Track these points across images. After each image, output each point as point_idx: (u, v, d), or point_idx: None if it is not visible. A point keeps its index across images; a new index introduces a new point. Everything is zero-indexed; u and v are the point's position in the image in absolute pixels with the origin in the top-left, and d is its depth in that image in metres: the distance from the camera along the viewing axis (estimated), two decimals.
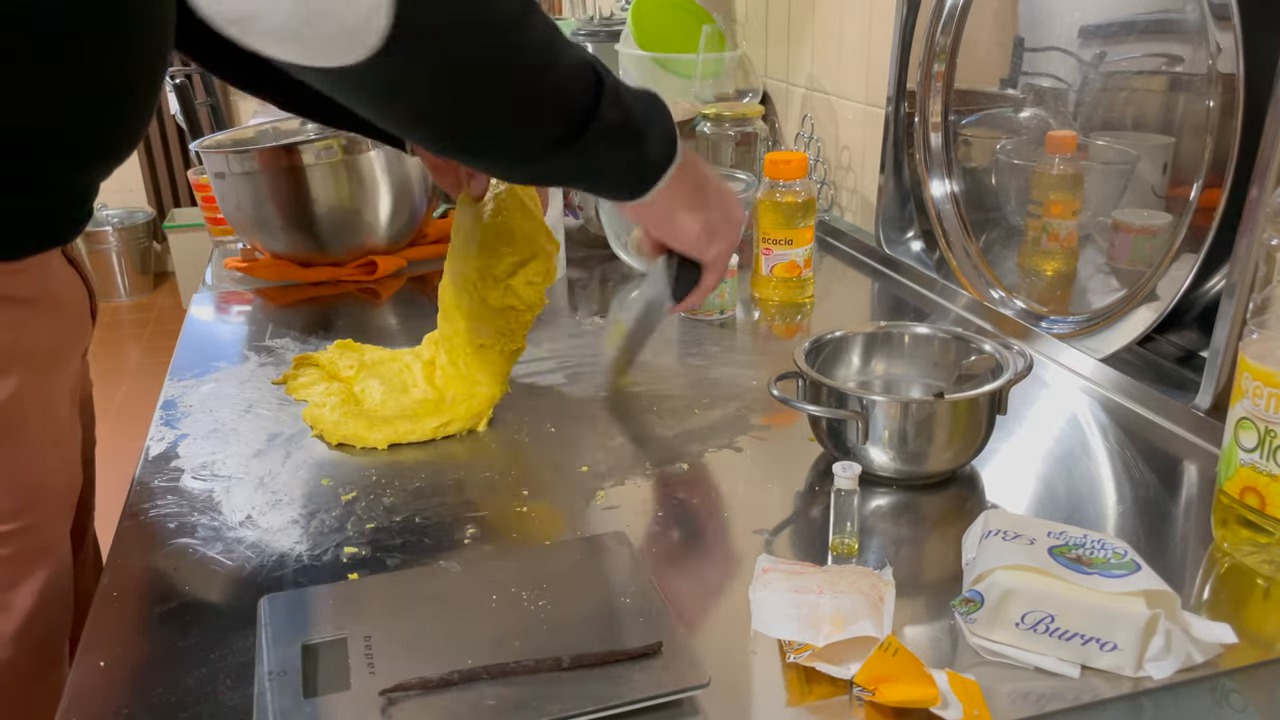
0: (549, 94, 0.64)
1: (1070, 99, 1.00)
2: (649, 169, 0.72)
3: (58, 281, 0.75)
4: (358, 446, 0.82)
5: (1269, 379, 0.60)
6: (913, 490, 0.75)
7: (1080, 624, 0.55)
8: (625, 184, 0.73)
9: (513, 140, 0.66)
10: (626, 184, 0.73)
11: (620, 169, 0.72)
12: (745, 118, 1.48)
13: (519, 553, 0.67)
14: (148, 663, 0.58)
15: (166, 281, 4.36)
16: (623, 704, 0.51)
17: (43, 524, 0.73)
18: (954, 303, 1.12)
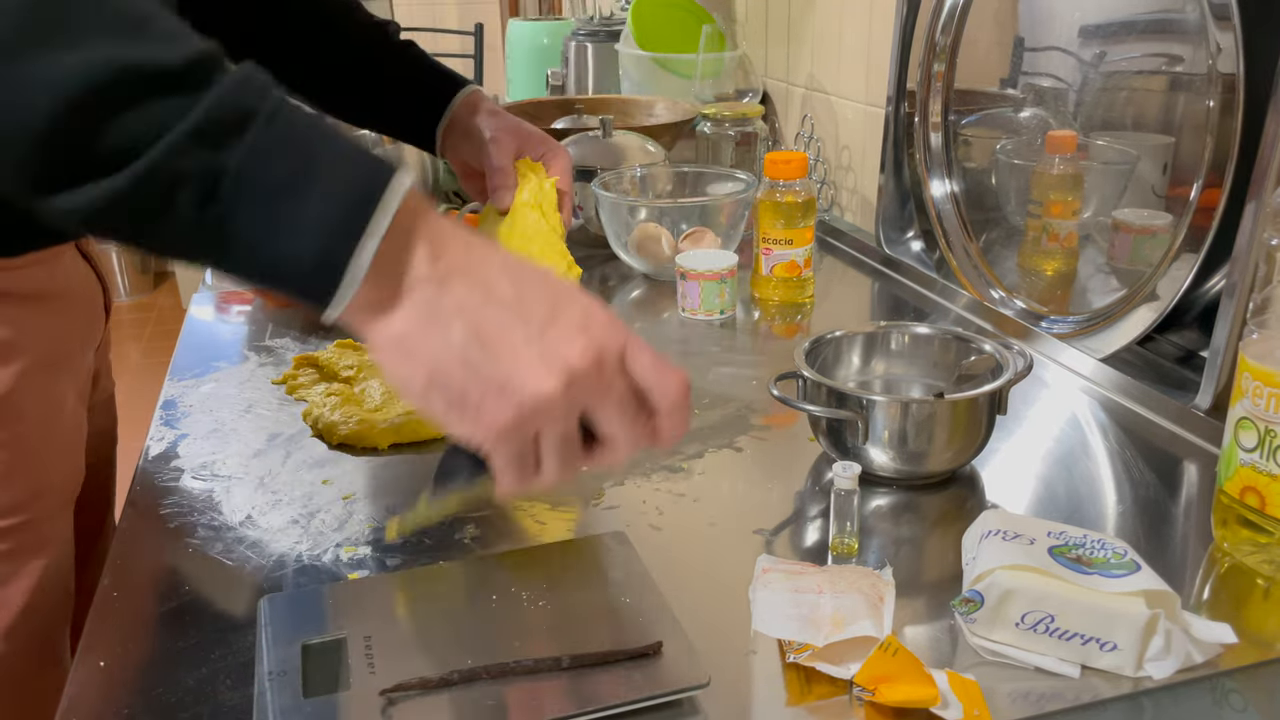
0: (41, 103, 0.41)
1: (1070, 99, 1.00)
2: (285, 275, 0.46)
3: (67, 276, 0.75)
4: (357, 446, 0.82)
5: (1269, 379, 0.60)
6: (913, 490, 0.75)
7: (1080, 624, 0.55)
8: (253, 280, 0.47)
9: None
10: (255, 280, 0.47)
11: (201, 256, 0.47)
12: (745, 118, 1.48)
13: (519, 553, 0.67)
14: (148, 663, 0.58)
15: (166, 281, 4.36)
16: (623, 704, 0.51)
17: (39, 520, 0.73)
18: (954, 303, 1.12)
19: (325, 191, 0.44)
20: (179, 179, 0.43)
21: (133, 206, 0.43)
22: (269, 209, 0.44)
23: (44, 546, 0.73)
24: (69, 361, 0.75)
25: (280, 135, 0.44)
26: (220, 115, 0.43)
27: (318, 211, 0.44)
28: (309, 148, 0.45)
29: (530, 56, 2.16)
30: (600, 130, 1.32)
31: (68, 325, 0.75)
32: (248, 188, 0.44)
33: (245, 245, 0.45)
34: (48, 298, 0.72)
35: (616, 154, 1.31)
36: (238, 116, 0.43)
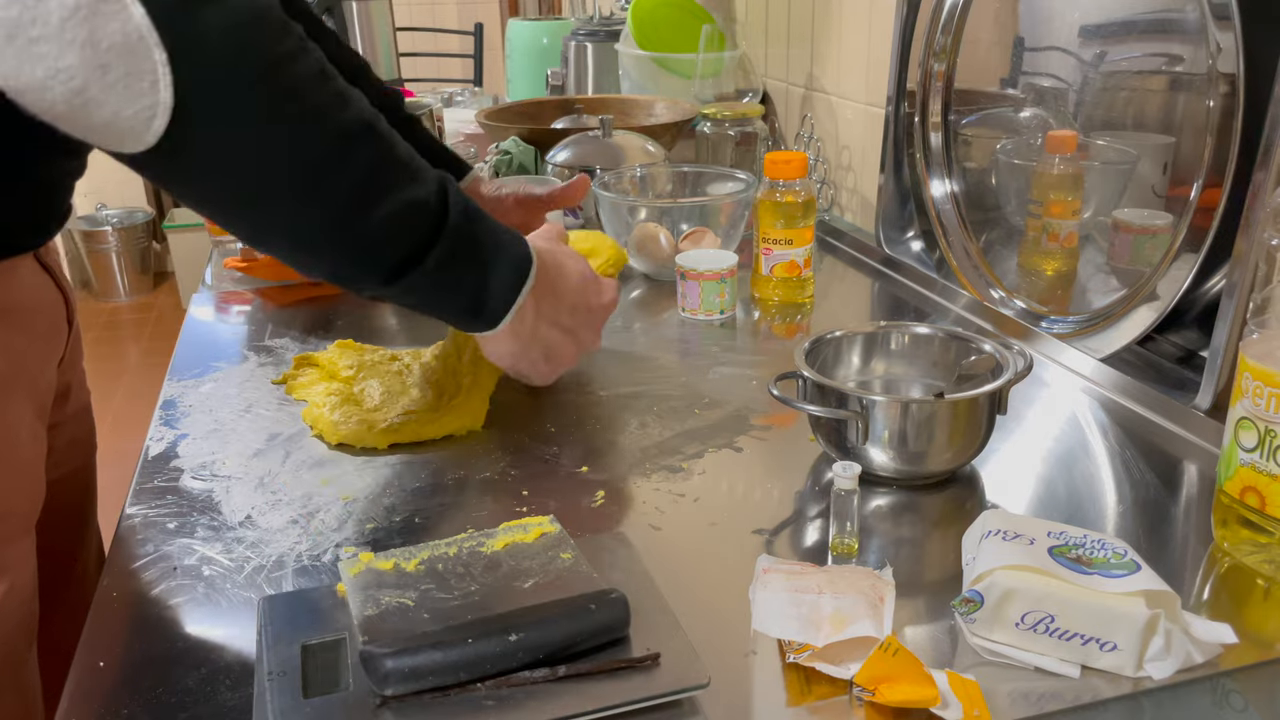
0: (355, 235, 0.63)
1: (1070, 99, 1.00)
2: (488, 307, 0.72)
3: (23, 289, 0.73)
4: (357, 446, 0.82)
5: (1269, 379, 0.60)
6: (913, 490, 0.75)
7: (1080, 624, 0.55)
8: (452, 322, 0.74)
9: (313, 268, 0.66)
10: (454, 323, 0.74)
11: (444, 314, 0.72)
12: (745, 118, 1.48)
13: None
14: (148, 663, 0.58)
15: (166, 281, 4.36)
16: (623, 704, 0.51)
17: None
18: (954, 303, 1.12)
19: (501, 268, 0.71)
20: (441, 276, 0.67)
21: (412, 285, 0.67)
22: (483, 270, 0.70)
23: (2, 573, 0.70)
24: (25, 378, 0.73)
25: (475, 228, 0.69)
26: (457, 224, 0.67)
27: (499, 281, 0.71)
28: (493, 236, 0.71)
29: (530, 56, 2.16)
30: (600, 130, 1.33)
31: (24, 340, 0.73)
32: (474, 256, 0.69)
33: (462, 299, 0.71)
34: (1, 312, 0.70)
35: (616, 154, 1.31)
36: (462, 215, 0.67)
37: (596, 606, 0.55)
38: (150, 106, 0.53)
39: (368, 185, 0.62)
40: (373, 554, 0.62)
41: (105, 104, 0.52)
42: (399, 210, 0.63)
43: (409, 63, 3.21)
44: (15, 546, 0.70)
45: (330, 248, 0.64)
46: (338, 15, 2.43)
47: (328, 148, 0.60)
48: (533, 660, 0.53)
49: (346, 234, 0.63)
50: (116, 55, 0.51)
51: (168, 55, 0.52)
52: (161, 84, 0.53)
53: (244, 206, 0.61)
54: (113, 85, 0.52)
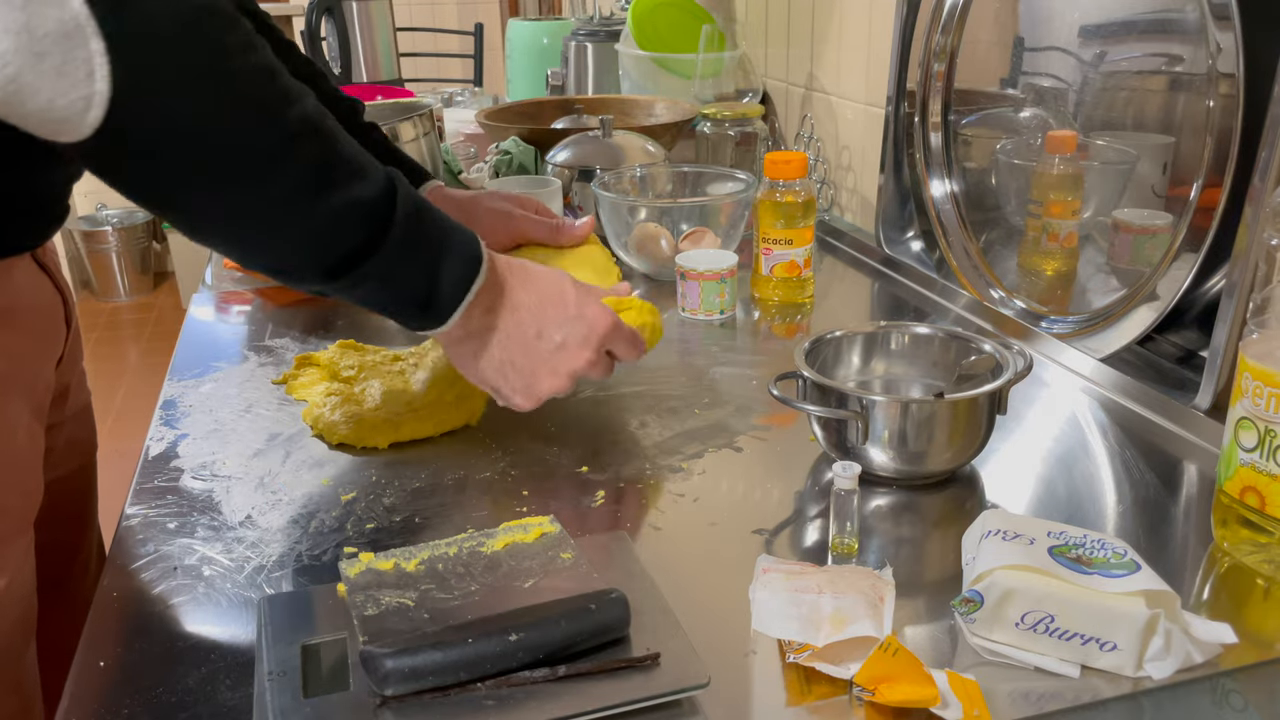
0: (300, 230, 0.63)
1: (1070, 99, 1.00)
2: (434, 304, 0.70)
3: (20, 290, 0.73)
4: (357, 446, 0.82)
5: (1269, 379, 0.60)
6: (913, 490, 0.75)
7: (1080, 624, 0.55)
8: (399, 321, 0.72)
9: (251, 260, 0.66)
10: (400, 321, 0.72)
11: (390, 310, 0.71)
12: (745, 118, 1.48)
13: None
14: (148, 663, 0.58)
15: (166, 281, 4.36)
16: (623, 704, 0.51)
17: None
18: (954, 303, 1.12)
19: (449, 267, 0.69)
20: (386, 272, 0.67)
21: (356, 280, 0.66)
22: (431, 265, 0.69)
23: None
24: (21, 378, 0.73)
25: (422, 228, 0.68)
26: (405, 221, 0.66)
27: (447, 278, 0.69)
28: (440, 235, 0.70)
29: (530, 56, 2.16)
30: (600, 130, 1.32)
31: (21, 341, 0.73)
32: (421, 252, 0.68)
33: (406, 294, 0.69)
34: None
35: (616, 154, 1.31)
36: (412, 212, 0.67)
37: (596, 606, 0.55)
38: (85, 97, 0.52)
39: (311, 181, 0.61)
40: (373, 554, 0.62)
41: (39, 91, 0.52)
42: (343, 206, 0.63)
43: (409, 63, 3.21)
44: (12, 545, 0.70)
45: (271, 244, 0.64)
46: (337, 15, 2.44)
47: (271, 143, 0.59)
48: (533, 660, 0.53)
49: (289, 229, 0.62)
50: (52, 43, 0.51)
51: (105, 45, 0.52)
52: (97, 74, 0.52)
53: (182, 200, 0.60)
54: (46, 73, 0.51)
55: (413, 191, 0.68)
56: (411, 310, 0.70)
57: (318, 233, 0.63)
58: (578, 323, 0.74)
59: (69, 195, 0.76)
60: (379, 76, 2.51)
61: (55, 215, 0.75)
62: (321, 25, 2.42)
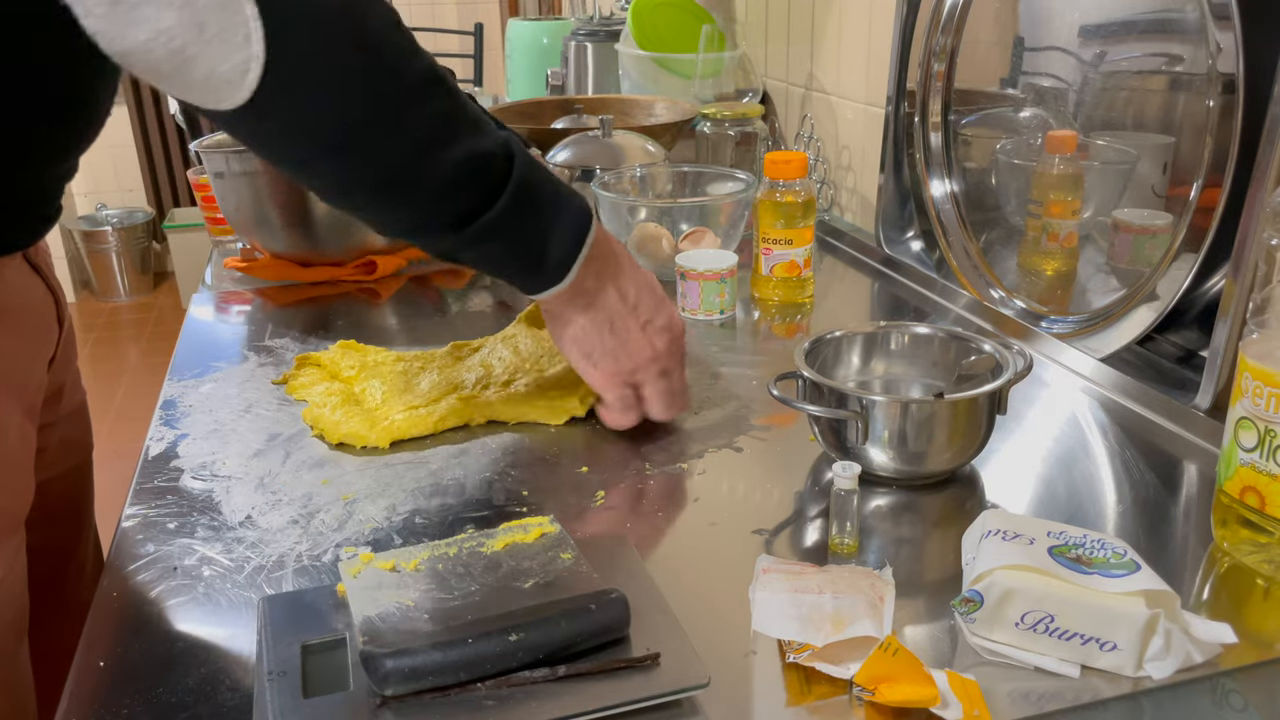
0: (428, 180, 0.65)
1: (1070, 99, 1.00)
2: (534, 280, 0.73)
3: (11, 290, 0.73)
4: (358, 446, 0.82)
5: (1269, 379, 0.60)
6: (913, 490, 0.75)
7: (1080, 624, 0.55)
8: (515, 280, 0.75)
9: (387, 211, 0.69)
10: (515, 280, 0.75)
11: (506, 268, 0.73)
12: (745, 118, 1.48)
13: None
14: (148, 663, 0.58)
15: (166, 281, 4.37)
16: (622, 704, 0.51)
17: None
18: (954, 303, 1.12)
19: (563, 224, 0.71)
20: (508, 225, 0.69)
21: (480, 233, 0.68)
22: (547, 223, 0.71)
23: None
24: (12, 378, 0.73)
25: (539, 183, 0.70)
26: (522, 176, 0.68)
27: (561, 235, 0.71)
28: (555, 192, 0.72)
29: (530, 56, 2.16)
30: (600, 130, 1.32)
31: (11, 340, 0.73)
32: (538, 208, 0.70)
33: (526, 249, 0.71)
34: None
35: (616, 154, 1.31)
36: (527, 167, 0.69)
37: (596, 606, 0.55)
38: (245, 60, 0.55)
39: (442, 132, 0.64)
40: (373, 554, 0.62)
41: (203, 60, 0.55)
42: (470, 157, 0.66)
43: None
44: (3, 545, 0.70)
45: (407, 194, 0.66)
46: None
47: (407, 93, 0.62)
48: (533, 660, 0.53)
49: (422, 179, 0.65)
50: (211, 12, 0.54)
51: (258, 9, 0.55)
52: (254, 37, 0.55)
53: (332, 155, 0.63)
54: (209, 41, 0.54)
55: (526, 150, 0.70)
56: (529, 268, 0.72)
57: (448, 182, 0.66)
58: (665, 306, 0.80)
59: (61, 195, 0.76)
60: None
61: (47, 215, 0.75)
62: None
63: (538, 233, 0.71)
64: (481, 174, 0.67)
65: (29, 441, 0.75)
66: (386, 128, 0.63)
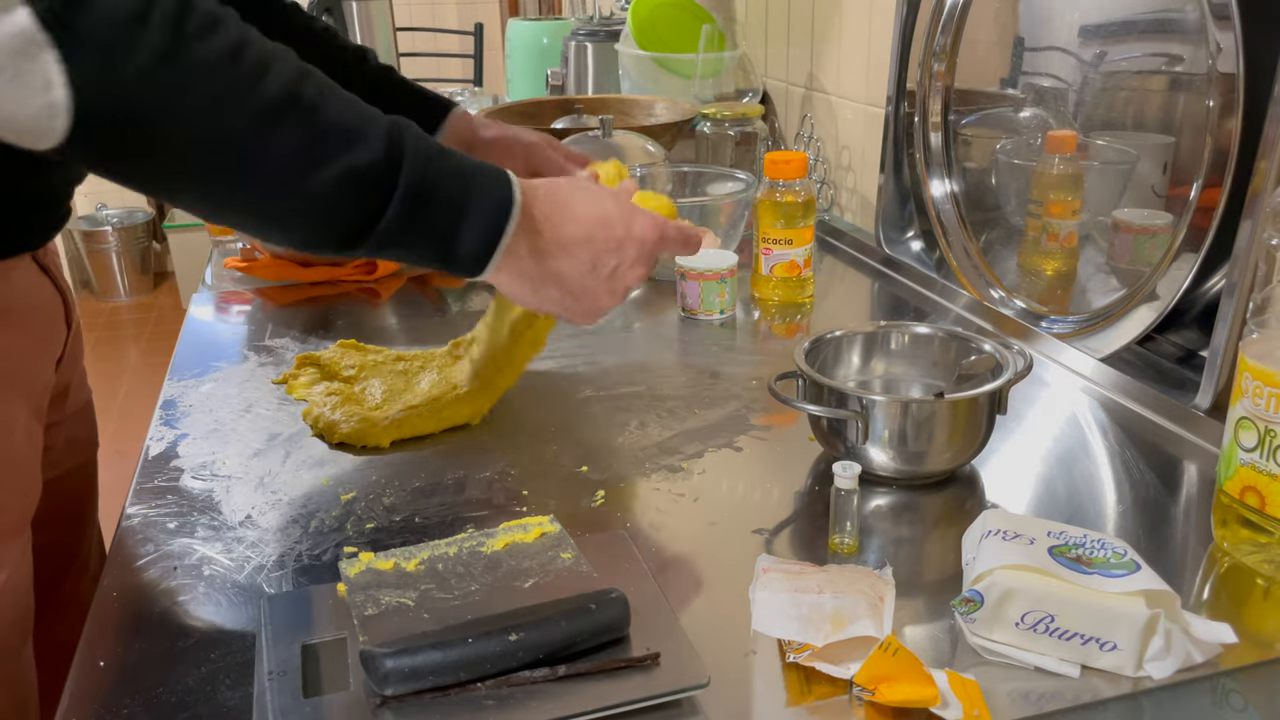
0: (293, 210, 0.61)
1: (1070, 99, 1.00)
2: (462, 267, 0.68)
3: (20, 291, 0.73)
4: (358, 446, 0.82)
5: (1269, 379, 0.60)
6: (913, 490, 0.75)
7: (1080, 624, 0.55)
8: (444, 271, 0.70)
9: (266, 238, 0.66)
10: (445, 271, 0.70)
11: (426, 263, 0.68)
12: (745, 118, 1.48)
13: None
14: (147, 663, 0.58)
15: (166, 281, 4.36)
16: (622, 704, 0.51)
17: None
18: (954, 303, 1.12)
19: (475, 216, 0.66)
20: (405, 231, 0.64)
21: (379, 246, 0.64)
22: (449, 223, 0.66)
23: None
24: (21, 377, 0.73)
25: (437, 181, 0.64)
26: (413, 180, 0.63)
27: (474, 229, 0.66)
28: (462, 184, 0.66)
29: (530, 56, 2.16)
30: (600, 130, 1.32)
31: (20, 340, 0.73)
32: (436, 211, 0.65)
33: (432, 253, 0.67)
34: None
35: (616, 154, 1.31)
36: (421, 168, 0.63)
37: (596, 606, 0.55)
38: (48, 106, 0.52)
39: (299, 157, 0.59)
40: (373, 554, 0.62)
41: (1, 105, 0.52)
42: (340, 177, 0.60)
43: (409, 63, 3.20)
44: (9, 543, 0.70)
45: (276, 224, 0.62)
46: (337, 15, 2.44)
47: (245, 125, 0.57)
48: (533, 660, 0.53)
49: (289, 208, 0.61)
50: (5, 58, 0.50)
51: (58, 54, 0.51)
52: (55, 84, 0.51)
53: (173, 193, 0.60)
54: (3, 88, 0.51)
55: (425, 143, 0.65)
56: (445, 265, 0.68)
57: (319, 208, 0.61)
58: (628, 244, 0.73)
59: (70, 198, 0.77)
60: None
61: (56, 218, 0.76)
62: None
63: (442, 232, 0.66)
64: (360, 190, 0.62)
65: (36, 441, 0.75)
66: (231, 168, 0.58)
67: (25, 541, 0.73)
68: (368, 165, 0.61)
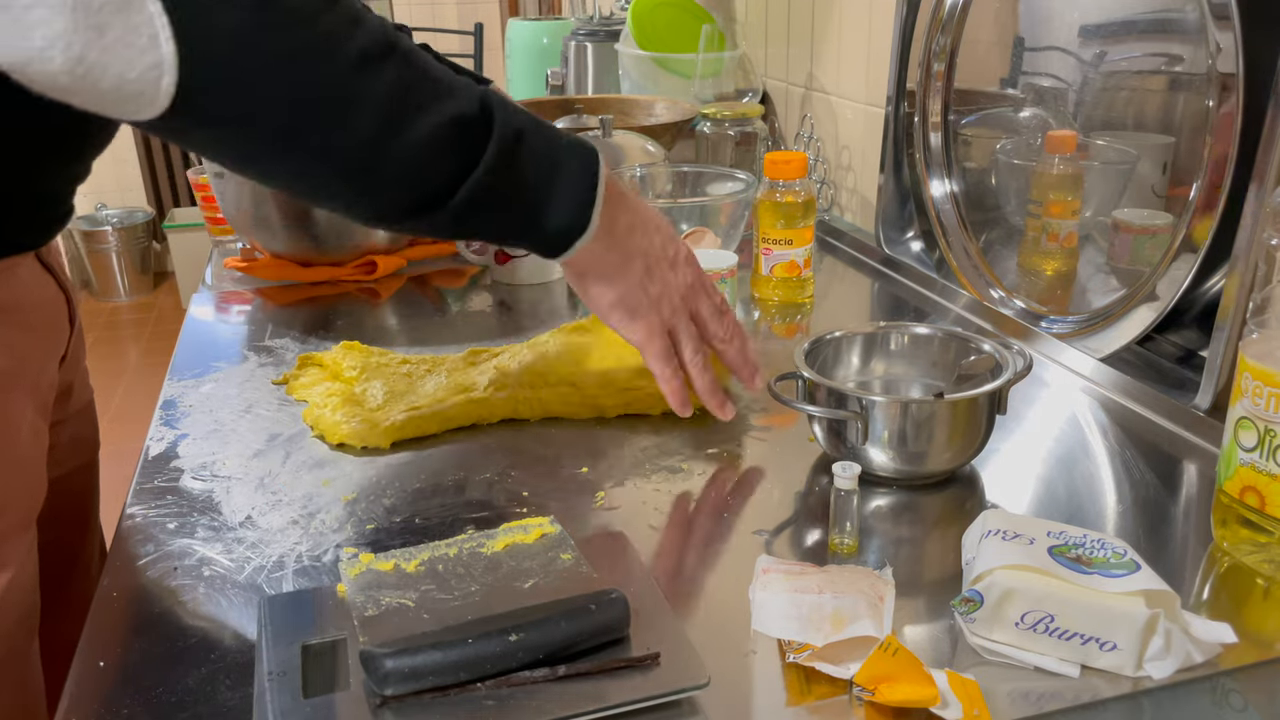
0: (392, 163, 0.60)
1: (1070, 99, 1.00)
2: (549, 239, 0.68)
3: (24, 288, 0.73)
4: (358, 446, 0.82)
5: (1269, 379, 0.60)
6: (913, 490, 0.75)
7: (1080, 624, 0.55)
8: (528, 245, 0.69)
9: (356, 204, 0.63)
10: (529, 245, 0.70)
11: (511, 234, 0.68)
12: (745, 118, 1.48)
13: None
14: (148, 663, 0.58)
15: (166, 281, 4.37)
16: (622, 704, 0.51)
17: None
18: (954, 303, 1.12)
19: (569, 171, 0.66)
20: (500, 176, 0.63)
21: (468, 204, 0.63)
22: (537, 196, 0.66)
23: (1, 568, 0.69)
24: (26, 375, 0.73)
25: (528, 136, 0.64)
26: (503, 144, 0.63)
27: (569, 186, 0.66)
28: (550, 142, 0.66)
29: (530, 56, 2.16)
30: (600, 130, 1.32)
31: (25, 338, 0.73)
32: (526, 171, 0.64)
33: (525, 211, 0.66)
34: (2, 310, 0.70)
35: (616, 154, 1.31)
36: (512, 121, 0.64)
37: (596, 606, 0.55)
38: (155, 64, 0.51)
39: (399, 106, 0.59)
40: (373, 554, 0.62)
41: (109, 68, 0.50)
42: (439, 127, 0.60)
43: None
44: (15, 541, 0.71)
45: (378, 178, 0.61)
46: None
47: (350, 72, 0.57)
48: (533, 660, 0.53)
49: (381, 163, 0.60)
50: (110, 13, 0.49)
51: (161, 5, 0.50)
52: (161, 36, 0.50)
53: (277, 155, 0.59)
54: (111, 46, 0.50)
55: (509, 102, 0.65)
56: (528, 235, 0.67)
57: (417, 160, 0.60)
58: (676, 241, 0.76)
59: (73, 195, 0.77)
60: None
61: (59, 215, 0.76)
62: None
63: (538, 189, 0.65)
64: (457, 142, 0.61)
65: (41, 439, 0.75)
66: (333, 116, 0.57)
67: (31, 540, 0.73)
68: (462, 115, 0.61)
